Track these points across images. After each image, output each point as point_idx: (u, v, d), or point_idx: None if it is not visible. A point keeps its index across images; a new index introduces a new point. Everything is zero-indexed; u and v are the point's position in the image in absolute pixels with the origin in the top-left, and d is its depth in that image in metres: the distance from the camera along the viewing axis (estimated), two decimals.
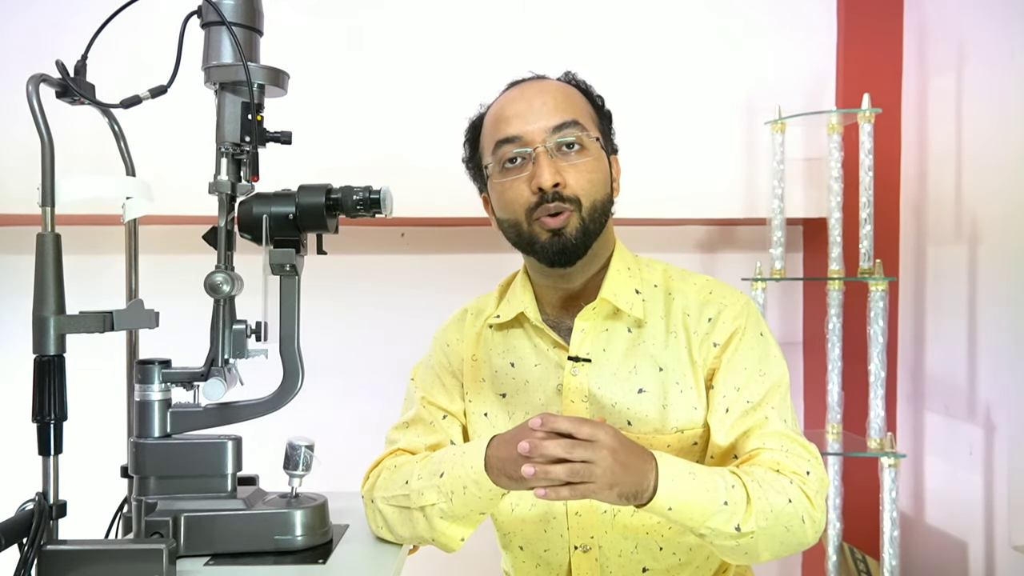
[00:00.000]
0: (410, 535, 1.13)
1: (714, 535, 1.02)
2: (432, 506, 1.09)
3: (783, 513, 1.04)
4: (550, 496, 0.97)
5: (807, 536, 1.07)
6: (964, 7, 2.01)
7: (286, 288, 1.13)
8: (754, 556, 1.06)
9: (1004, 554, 1.88)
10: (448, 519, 1.10)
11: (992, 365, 1.91)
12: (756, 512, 1.02)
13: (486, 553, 1.47)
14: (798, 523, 1.05)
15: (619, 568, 1.19)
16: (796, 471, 1.08)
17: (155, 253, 1.69)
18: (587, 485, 0.97)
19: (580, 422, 0.99)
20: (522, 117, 1.15)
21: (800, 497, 1.06)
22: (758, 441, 1.11)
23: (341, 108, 2.08)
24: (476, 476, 1.06)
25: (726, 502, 1.01)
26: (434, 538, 1.12)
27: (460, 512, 1.09)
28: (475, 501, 1.07)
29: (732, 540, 1.03)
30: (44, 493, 1.00)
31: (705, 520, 1.01)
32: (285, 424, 1.23)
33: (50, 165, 1.00)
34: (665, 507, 1.00)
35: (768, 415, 1.13)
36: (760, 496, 1.03)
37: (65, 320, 1.00)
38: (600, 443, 0.98)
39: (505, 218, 1.19)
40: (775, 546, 1.05)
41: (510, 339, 1.25)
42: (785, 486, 1.06)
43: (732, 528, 1.01)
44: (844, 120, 2.02)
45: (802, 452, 1.11)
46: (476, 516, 1.10)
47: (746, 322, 1.18)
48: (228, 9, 1.09)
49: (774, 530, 1.03)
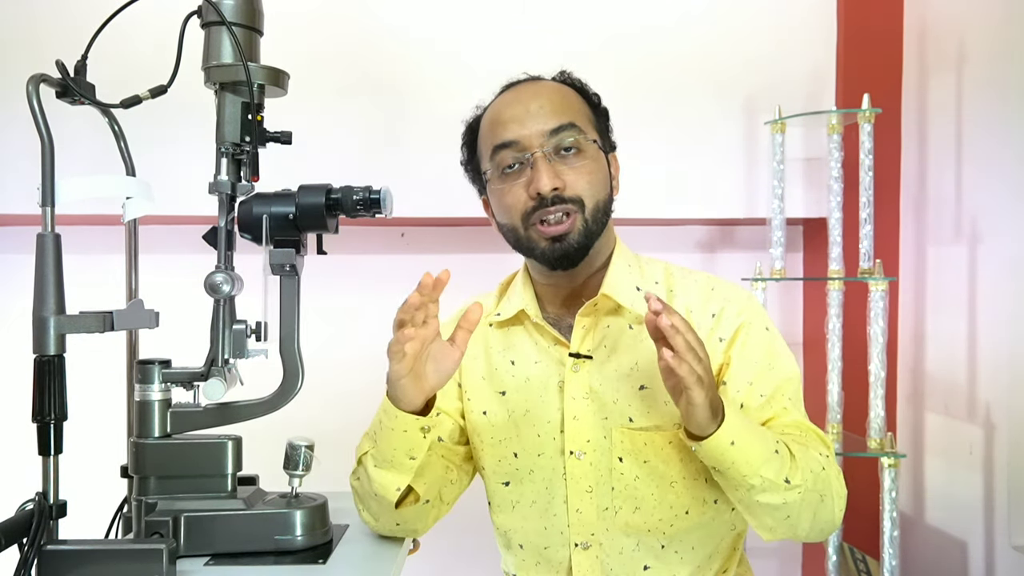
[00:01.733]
0: (367, 503, 1.15)
1: (764, 486, 1.02)
2: (366, 454, 1.12)
3: (819, 478, 1.06)
4: (673, 363, 0.95)
5: (835, 513, 1.09)
6: (964, 7, 2.01)
7: (286, 288, 1.13)
8: (795, 523, 1.06)
9: (1004, 554, 1.88)
10: (380, 465, 1.10)
11: (992, 365, 1.91)
12: (801, 468, 1.04)
13: (486, 553, 1.47)
14: (830, 494, 1.07)
15: (620, 566, 1.19)
16: (821, 452, 1.10)
17: (155, 253, 1.69)
18: (697, 375, 0.96)
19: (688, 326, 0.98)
20: (518, 121, 1.15)
21: (831, 467, 1.08)
22: (777, 431, 1.12)
23: (341, 108, 2.08)
24: (384, 405, 1.07)
25: (777, 451, 1.03)
26: (375, 492, 1.11)
27: (387, 454, 1.09)
28: (392, 436, 1.07)
29: (780, 495, 1.03)
30: (44, 493, 1.00)
31: (759, 466, 1.01)
32: (285, 424, 1.23)
33: (50, 165, 1.00)
34: (728, 441, 1.00)
35: (786, 406, 1.15)
36: (802, 455, 1.05)
37: (65, 320, 1.00)
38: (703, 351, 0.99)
39: (504, 223, 1.19)
40: (810, 516, 1.06)
41: (510, 337, 1.25)
42: (817, 456, 1.08)
43: (783, 479, 1.02)
44: (844, 120, 2.02)
45: (818, 441, 1.13)
46: (404, 459, 1.09)
47: (751, 316, 1.18)
48: (228, 9, 1.09)
49: (813, 494, 1.05)
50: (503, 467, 1.23)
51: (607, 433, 1.16)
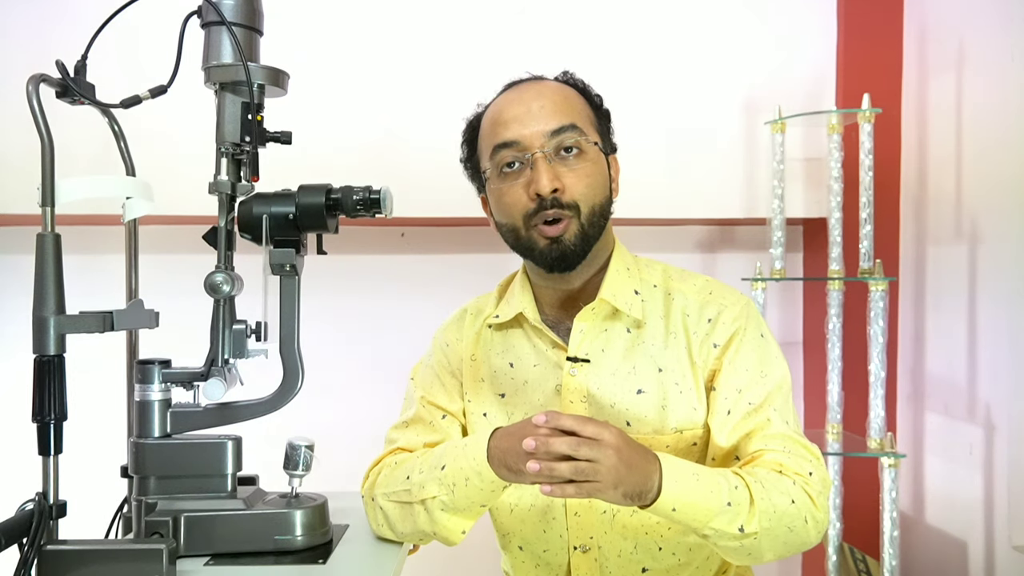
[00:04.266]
0: (411, 530, 1.13)
1: (717, 536, 1.02)
2: (433, 499, 1.09)
3: (786, 514, 1.04)
4: (555, 493, 0.97)
5: (810, 536, 1.07)
6: (964, 7, 2.01)
7: (286, 288, 1.13)
8: (757, 556, 1.06)
9: (1004, 554, 1.88)
10: (449, 511, 1.09)
11: (992, 365, 1.91)
12: (759, 513, 1.02)
13: (486, 553, 1.47)
14: (801, 524, 1.05)
15: (618, 568, 1.19)
16: (799, 472, 1.08)
17: (155, 253, 1.69)
18: (592, 484, 0.97)
19: (584, 420, 0.99)
20: (520, 121, 1.15)
21: (803, 498, 1.06)
22: (760, 443, 1.11)
23: (341, 108, 2.08)
24: (479, 467, 1.06)
25: (729, 503, 1.01)
26: (435, 531, 1.11)
27: (461, 504, 1.09)
28: (476, 493, 1.07)
29: (735, 541, 1.02)
30: (44, 493, 1.00)
31: (708, 521, 1.01)
32: (285, 424, 1.23)
33: (50, 165, 1.00)
34: (669, 508, 1.00)
35: (770, 417, 1.13)
36: (763, 497, 1.03)
37: (65, 320, 1.00)
38: (605, 442, 0.97)
39: (503, 223, 1.19)
40: (778, 546, 1.05)
41: (509, 339, 1.25)
42: (788, 487, 1.06)
43: (735, 529, 1.01)
44: (844, 120, 2.02)
45: (804, 453, 1.11)
46: (477, 508, 1.10)
47: (746, 323, 1.18)
48: (228, 9, 1.09)
49: (777, 531, 1.03)
50: None
51: None
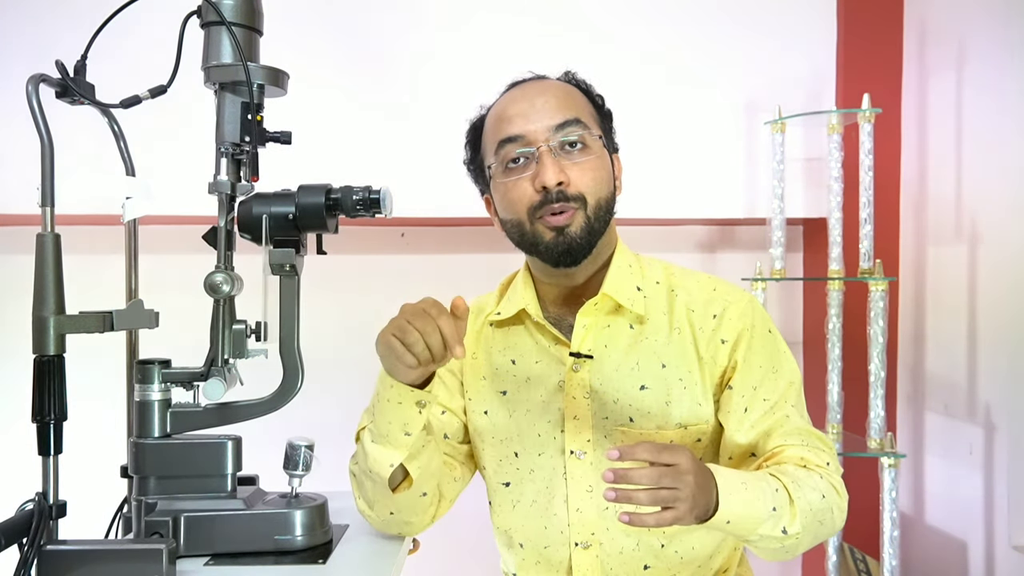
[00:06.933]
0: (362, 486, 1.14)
1: (762, 540, 1.03)
2: (364, 429, 1.12)
3: (819, 509, 1.06)
4: (635, 523, 0.93)
5: (836, 525, 1.10)
6: (964, 7, 2.01)
7: (286, 288, 1.13)
8: (793, 552, 1.07)
9: (1004, 554, 1.88)
10: (377, 440, 1.09)
11: (992, 365, 1.91)
12: (799, 512, 1.04)
13: (486, 553, 1.47)
14: (830, 516, 1.08)
15: (620, 565, 1.19)
16: (819, 464, 1.10)
17: (155, 253, 1.69)
18: (671, 512, 0.94)
19: (659, 448, 0.95)
20: (524, 116, 1.15)
21: (829, 490, 1.08)
22: (780, 439, 1.13)
23: (341, 108, 2.08)
24: (380, 375, 1.08)
25: (774, 508, 1.02)
26: (370, 468, 1.11)
27: (383, 428, 1.08)
28: (386, 407, 1.07)
29: (778, 543, 1.04)
30: (44, 493, 1.00)
31: (756, 528, 1.02)
32: (285, 424, 1.23)
33: (50, 165, 1.00)
34: (724, 521, 1.00)
35: (788, 413, 1.15)
36: (800, 496, 1.05)
37: (65, 320, 1.00)
38: (682, 467, 0.95)
39: (508, 218, 1.19)
40: (812, 541, 1.08)
41: (511, 336, 1.25)
42: (817, 482, 1.07)
43: (779, 532, 1.03)
44: (844, 120, 2.02)
45: (820, 445, 1.14)
46: (398, 433, 1.08)
47: (753, 319, 1.19)
48: (228, 9, 1.09)
49: (812, 526, 1.06)
50: (504, 467, 1.23)
51: (608, 433, 1.17)
